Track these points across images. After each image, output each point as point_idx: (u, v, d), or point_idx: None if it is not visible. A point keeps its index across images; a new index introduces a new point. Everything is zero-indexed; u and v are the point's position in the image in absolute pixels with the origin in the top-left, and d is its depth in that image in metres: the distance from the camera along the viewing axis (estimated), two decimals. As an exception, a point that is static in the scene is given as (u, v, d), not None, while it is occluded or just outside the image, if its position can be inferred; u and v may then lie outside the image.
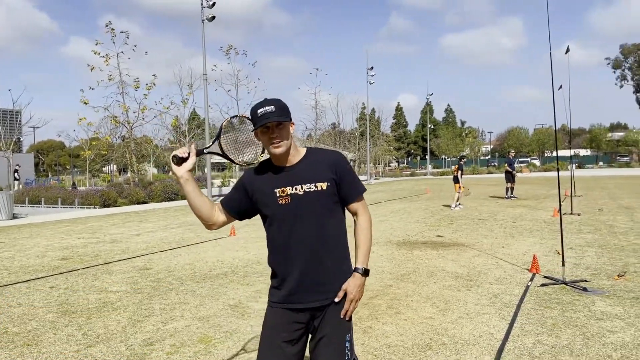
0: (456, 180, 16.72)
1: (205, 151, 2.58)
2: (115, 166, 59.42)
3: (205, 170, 30.86)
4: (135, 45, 28.63)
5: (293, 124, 2.48)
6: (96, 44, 27.66)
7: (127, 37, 28.24)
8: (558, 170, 8.00)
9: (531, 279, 6.61)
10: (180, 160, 2.47)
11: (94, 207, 21.84)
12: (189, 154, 2.47)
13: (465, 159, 19.54)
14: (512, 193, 19.77)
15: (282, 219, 2.43)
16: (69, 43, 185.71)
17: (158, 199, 24.31)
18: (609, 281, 6.40)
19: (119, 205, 22.85)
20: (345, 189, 2.48)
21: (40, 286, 6.96)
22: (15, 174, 31.37)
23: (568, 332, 4.60)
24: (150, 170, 52.22)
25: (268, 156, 2.53)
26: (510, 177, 19.66)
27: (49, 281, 7.25)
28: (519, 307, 5.43)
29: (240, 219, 2.60)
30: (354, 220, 2.57)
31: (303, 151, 2.52)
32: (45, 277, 7.55)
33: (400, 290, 6.23)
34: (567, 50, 11.00)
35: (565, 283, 6.28)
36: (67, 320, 5.36)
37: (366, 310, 5.45)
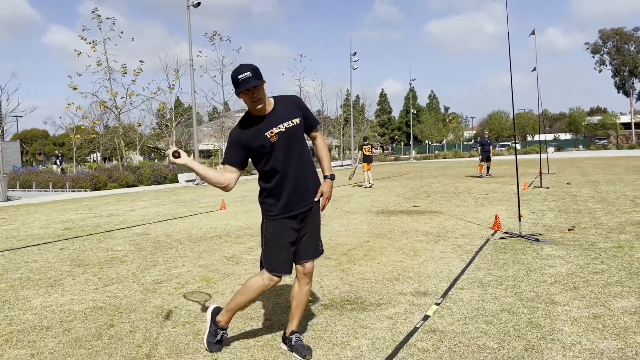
0: (369, 159, 18.12)
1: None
2: (99, 155, 59.45)
3: (192, 157, 31.43)
4: (121, 32, 29.02)
5: (265, 82, 3.17)
6: (83, 30, 27.99)
7: (114, 24, 28.57)
8: (516, 152, 8.82)
9: (492, 234, 7.45)
10: (177, 154, 3.13)
11: (85, 190, 22.37)
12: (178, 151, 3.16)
13: (368, 139, 20.81)
14: (487, 172, 20.70)
15: (277, 152, 3.19)
16: (49, 32, 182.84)
17: (147, 182, 24.88)
18: (560, 234, 7.27)
19: (109, 189, 23.39)
20: (308, 121, 3.35)
21: (50, 248, 7.65)
22: (57, 160, 32.74)
23: (515, 268, 5.44)
24: (136, 158, 52.44)
25: None
26: (484, 156, 20.55)
27: (57, 245, 7.94)
28: (477, 252, 6.26)
29: (243, 169, 3.29)
30: (313, 143, 3.46)
31: (272, 100, 3.27)
32: (52, 242, 8.23)
33: (376, 244, 7.03)
34: (532, 33, 11.85)
35: (521, 236, 7.13)
36: (82, 270, 6.08)
37: (345, 257, 6.25)
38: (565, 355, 3.17)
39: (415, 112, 74.53)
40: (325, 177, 3.37)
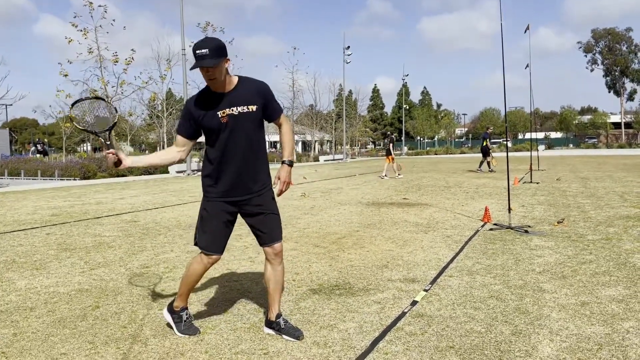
0: (388, 152, 18.99)
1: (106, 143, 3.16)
2: (90, 144, 59.05)
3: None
4: (113, 20, 28.75)
5: (228, 60, 3.08)
6: (74, 17, 27.71)
7: (105, 11, 28.26)
8: (507, 148, 8.82)
9: (482, 226, 7.46)
10: (118, 162, 3.08)
11: (74, 179, 22.19)
12: (116, 155, 3.09)
13: (394, 135, 21.59)
14: (480, 167, 20.72)
15: (224, 134, 3.12)
16: (40, 22, 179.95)
17: (137, 173, 24.71)
18: (549, 227, 7.29)
19: (98, 178, 23.21)
20: (271, 110, 3.25)
21: (37, 233, 7.56)
22: (38, 147, 32.59)
23: (504, 257, 5.44)
24: (127, 149, 52.12)
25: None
26: (486, 150, 20.56)
27: (44, 230, 7.85)
28: (466, 242, 6.27)
29: (194, 140, 3.25)
30: (279, 130, 3.35)
31: (236, 79, 3.17)
32: (39, 227, 8.14)
33: (366, 234, 7.02)
34: (527, 29, 11.85)
35: (510, 227, 7.14)
36: (68, 254, 6.02)
37: (334, 246, 6.23)
38: (553, 340, 3.17)
39: (407, 107, 74.60)
40: (283, 162, 3.29)
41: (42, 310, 3.95)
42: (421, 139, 78.91)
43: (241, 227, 7.57)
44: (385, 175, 18.70)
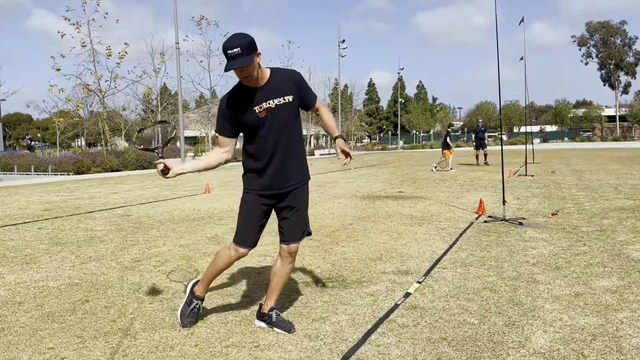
0: (447, 146, 18.52)
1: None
2: (84, 140, 58.80)
3: (178, 144, 31.08)
4: (106, 13, 28.56)
5: (259, 53, 2.98)
6: (67, 10, 27.49)
7: (98, 5, 28.05)
8: (502, 141, 8.78)
9: (476, 218, 7.44)
10: (166, 170, 2.99)
11: (68, 174, 22.06)
12: (163, 164, 2.99)
13: (450, 128, 21.41)
14: (485, 160, 20.65)
15: (264, 130, 3.05)
16: (33, 16, 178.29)
17: (132, 167, 24.61)
18: (543, 219, 7.27)
19: (92, 173, 23.09)
20: (307, 98, 3.18)
21: (29, 228, 7.49)
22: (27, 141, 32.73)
23: (498, 249, 5.42)
24: (122, 144, 51.85)
25: None
26: (479, 145, 20.55)
27: (36, 224, 7.78)
28: (460, 235, 6.24)
29: (237, 136, 3.18)
30: (317, 114, 3.32)
31: (268, 72, 3.09)
32: (31, 221, 8.07)
33: (360, 227, 6.98)
34: (522, 21, 11.81)
35: (505, 220, 7.12)
36: (59, 248, 5.96)
37: (328, 239, 6.19)
38: (546, 331, 3.15)
39: (403, 101, 74.52)
40: (337, 137, 3.26)
41: (31, 304, 3.90)
42: (417, 133, 78.88)
43: (235, 221, 7.50)
44: (436, 167, 18.59)
